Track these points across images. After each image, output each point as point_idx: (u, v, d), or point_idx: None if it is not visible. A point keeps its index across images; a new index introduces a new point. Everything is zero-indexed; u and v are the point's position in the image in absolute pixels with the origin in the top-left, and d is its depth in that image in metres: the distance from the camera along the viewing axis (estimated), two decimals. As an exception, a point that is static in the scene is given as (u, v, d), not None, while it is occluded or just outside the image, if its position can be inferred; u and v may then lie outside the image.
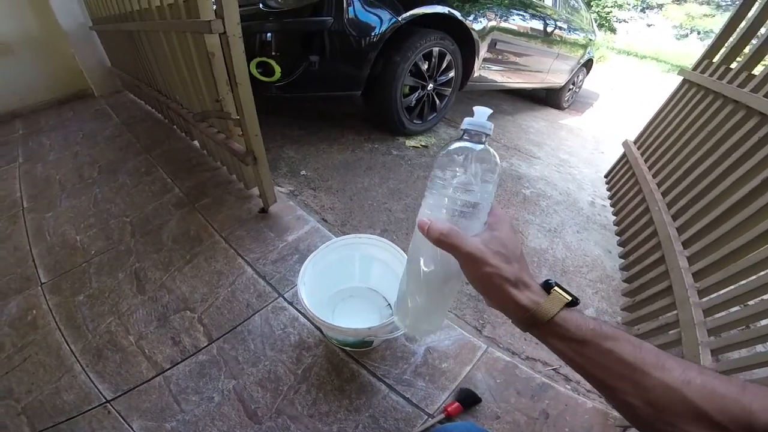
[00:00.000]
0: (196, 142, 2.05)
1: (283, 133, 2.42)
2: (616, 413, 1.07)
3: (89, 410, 1.01)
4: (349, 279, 1.28)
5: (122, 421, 0.99)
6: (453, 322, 1.27)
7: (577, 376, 1.18)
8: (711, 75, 1.62)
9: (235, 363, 1.12)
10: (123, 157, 2.06)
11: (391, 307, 1.24)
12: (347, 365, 1.12)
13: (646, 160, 1.90)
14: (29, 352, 1.15)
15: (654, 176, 1.75)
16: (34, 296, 1.33)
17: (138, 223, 1.61)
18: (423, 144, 2.52)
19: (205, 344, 1.17)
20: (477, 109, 0.44)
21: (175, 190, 1.79)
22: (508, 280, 0.40)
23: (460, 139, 0.44)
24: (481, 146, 0.43)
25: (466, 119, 0.44)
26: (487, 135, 0.43)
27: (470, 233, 0.42)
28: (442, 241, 0.41)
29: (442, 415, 1.00)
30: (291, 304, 1.29)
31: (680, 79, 1.89)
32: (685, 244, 1.32)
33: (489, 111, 0.44)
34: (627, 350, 0.36)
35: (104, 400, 1.03)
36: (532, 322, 0.40)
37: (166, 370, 1.10)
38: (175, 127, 2.24)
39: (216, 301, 1.29)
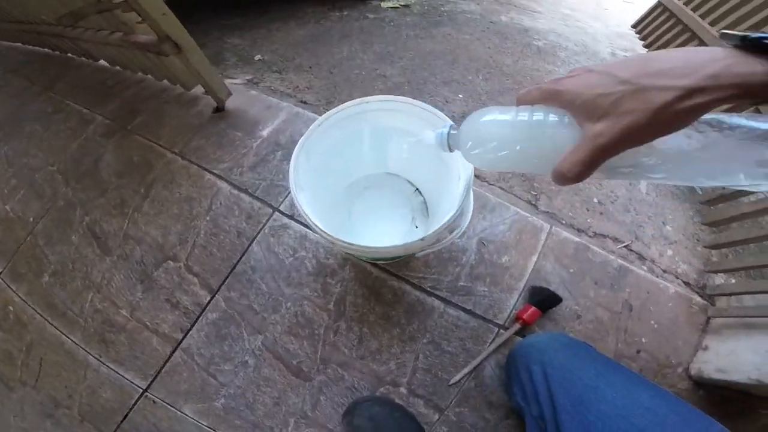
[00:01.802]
0: (102, 62, 1.49)
1: (220, 24, 1.98)
2: (699, 299, 0.89)
3: (135, 404, 0.89)
4: (358, 166, 0.93)
5: (172, 408, 0.87)
6: (502, 199, 0.98)
7: (651, 253, 0.96)
8: None
9: (252, 314, 0.92)
10: (20, 104, 1.50)
11: (420, 192, 0.93)
12: (386, 284, 0.90)
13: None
14: (38, 354, 0.98)
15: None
16: (1, 290, 1.09)
17: (67, 169, 1.23)
18: (403, 3, 2.16)
19: (208, 298, 0.95)
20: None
21: (97, 119, 1.32)
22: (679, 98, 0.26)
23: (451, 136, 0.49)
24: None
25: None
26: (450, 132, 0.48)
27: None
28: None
29: (518, 325, 0.81)
30: (291, 217, 1.01)
31: None
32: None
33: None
34: None
35: (141, 390, 0.90)
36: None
37: (181, 341, 0.92)
38: (69, 54, 1.62)
39: (198, 239, 1.01)
